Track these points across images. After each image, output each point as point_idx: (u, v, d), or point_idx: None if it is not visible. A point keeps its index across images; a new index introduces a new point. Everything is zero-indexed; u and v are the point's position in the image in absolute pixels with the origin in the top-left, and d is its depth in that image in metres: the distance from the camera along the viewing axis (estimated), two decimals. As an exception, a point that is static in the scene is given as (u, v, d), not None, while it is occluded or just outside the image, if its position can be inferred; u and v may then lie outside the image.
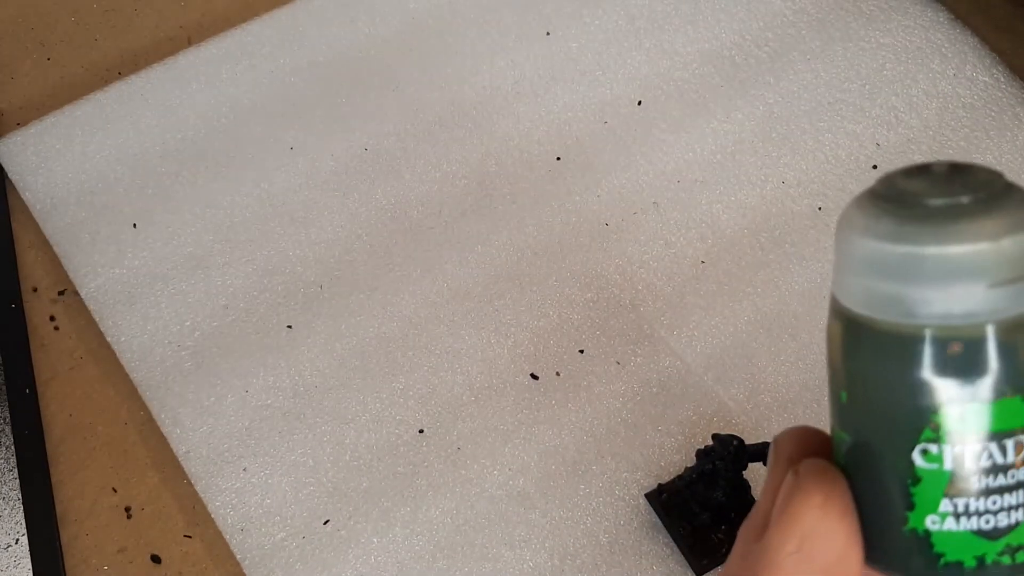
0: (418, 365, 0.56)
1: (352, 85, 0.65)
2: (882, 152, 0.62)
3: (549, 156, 0.63)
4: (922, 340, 0.23)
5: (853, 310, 0.24)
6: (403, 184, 0.62)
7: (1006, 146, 0.63)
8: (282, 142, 0.63)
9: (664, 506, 0.51)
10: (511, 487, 0.53)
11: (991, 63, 0.65)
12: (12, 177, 0.62)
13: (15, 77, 0.67)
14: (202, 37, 0.67)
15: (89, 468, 0.55)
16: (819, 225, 0.60)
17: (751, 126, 0.63)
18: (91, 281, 0.59)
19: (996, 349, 0.22)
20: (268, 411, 0.55)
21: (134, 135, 0.63)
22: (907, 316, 0.23)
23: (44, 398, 0.56)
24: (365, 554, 0.52)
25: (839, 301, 0.25)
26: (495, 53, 0.66)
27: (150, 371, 0.56)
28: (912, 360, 0.23)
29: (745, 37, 0.66)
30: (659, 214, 0.61)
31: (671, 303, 0.58)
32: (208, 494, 0.53)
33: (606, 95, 0.65)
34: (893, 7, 0.67)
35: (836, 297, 0.25)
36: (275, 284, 0.59)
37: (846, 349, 0.24)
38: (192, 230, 0.60)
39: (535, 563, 0.51)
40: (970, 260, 0.22)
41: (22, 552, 0.52)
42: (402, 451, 0.54)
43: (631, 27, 0.67)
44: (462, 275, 0.59)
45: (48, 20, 0.69)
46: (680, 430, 0.54)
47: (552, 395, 0.55)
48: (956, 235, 0.22)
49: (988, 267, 0.22)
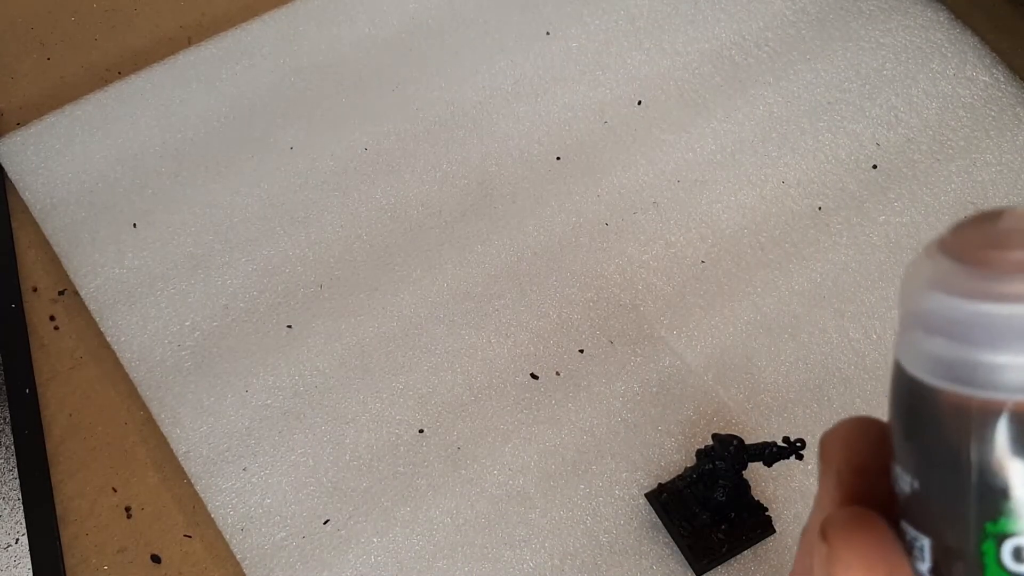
0: (418, 365, 0.56)
1: (352, 85, 0.65)
2: (882, 152, 0.62)
3: (549, 156, 0.63)
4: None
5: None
6: (403, 184, 0.62)
7: (1006, 146, 0.62)
8: (282, 142, 0.63)
9: (664, 506, 0.51)
10: (511, 487, 0.53)
11: (991, 63, 0.65)
12: (12, 177, 0.62)
13: (15, 77, 0.67)
14: (202, 37, 0.67)
15: (89, 468, 0.55)
16: (819, 225, 0.60)
17: (751, 126, 0.63)
18: (91, 281, 0.58)
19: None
20: (268, 411, 0.55)
21: (134, 135, 0.63)
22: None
23: (44, 398, 0.56)
24: (365, 554, 0.52)
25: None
26: (495, 53, 0.66)
27: (150, 371, 0.56)
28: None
29: (745, 37, 0.66)
30: (659, 214, 0.61)
31: (671, 303, 0.58)
32: (208, 494, 0.53)
33: (606, 95, 0.65)
34: (893, 7, 0.67)
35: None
36: (275, 284, 0.59)
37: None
38: (192, 230, 0.60)
39: (535, 563, 0.51)
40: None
41: (22, 552, 0.52)
42: (402, 451, 0.54)
43: (631, 27, 0.67)
44: (462, 275, 0.59)
45: (48, 20, 0.69)
46: (680, 430, 0.54)
47: (552, 395, 0.55)
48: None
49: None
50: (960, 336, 0.20)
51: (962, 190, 0.61)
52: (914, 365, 0.21)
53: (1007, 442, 0.19)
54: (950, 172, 0.62)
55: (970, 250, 0.20)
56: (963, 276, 0.20)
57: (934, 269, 0.20)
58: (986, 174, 0.62)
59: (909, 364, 0.21)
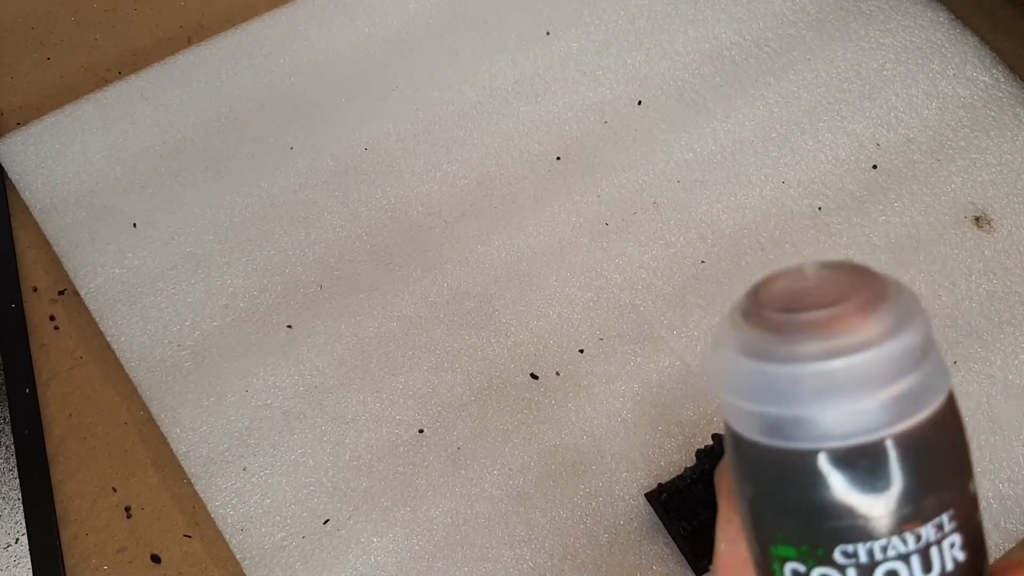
0: (418, 365, 0.56)
1: (352, 85, 0.65)
2: (882, 152, 0.62)
3: (549, 156, 0.63)
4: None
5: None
6: (403, 184, 0.62)
7: (1006, 146, 0.63)
8: (282, 142, 0.63)
9: (664, 506, 0.51)
10: (511, 487, 0.53)
11: (991, 63, 0.65)
12: (12, 177, 0.62)
13: (15, 77, 0.67)
14: (202, 37, 0.67)
15: (89, 468, 0.55)
16: (819, 225, 0.60)
17: (751, 126, 0.63)
18: (91, 281, 0.59)
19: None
20: (268, 411, 0.55)
21: (134, 135, 0.63)
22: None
23: (44, 398, 0.56)
24: (365, 554, 0.52)
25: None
26: (495, 53, 0.66)
27: (150, 371, 0.56)
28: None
29: (745, 37, 0.66)
30: (659, 214, 0.61)
31: (671, 303, 0.58)
32: (208, 494, 0.53)
33: (606, 95, 0.65)
34: (893, 7, 0.67)
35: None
36: (275, 284, 0.59)
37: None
38: (192, 230, 0.60)
39: (535, 563, 0.51)
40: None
41: (22, 552, 0.52)
42: (402, 451, 0.54)
43: (631, 27, 0.67)
44: (462, 275, 0.59)
45: (48, 20, 0.69)
46: (680, 430, 0.54)
47: (552, 395, 0.55)
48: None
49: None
50: (766, 397, 0.21)
51: (962, 190, 0.61)
52: (733, 421, 0.23)
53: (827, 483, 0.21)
54: (950, 172, 0.62)
55: (765, 314, 0.22)
56: (762, 342, 0.21)
57: (736, 337, 0.22)
58: (986, 174, 0.62)
59: (730, 420, 0.23)
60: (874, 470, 0.21)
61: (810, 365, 0.21)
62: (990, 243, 0.60)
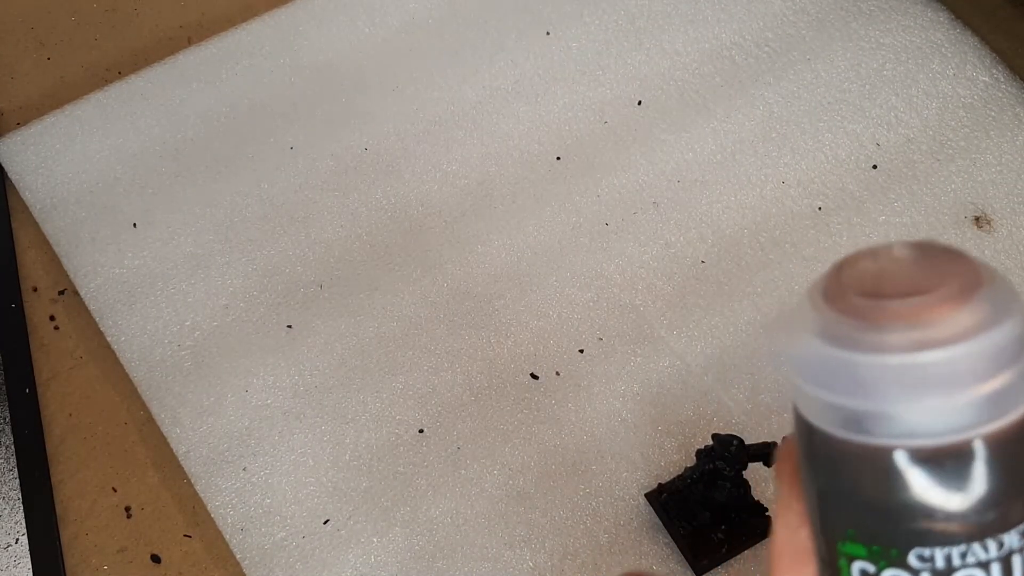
0: (418, 365, 0.56)
1: (352, 85, 0.65)
2: (882, 152, 0.62)
3: (549, 156, 0.63)
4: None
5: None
6: (403, 184, 0.62)
7: (1006, 146, 0.62)
8: (282, 142, 0.63)
9: (664, 506, 0.51)
10: (511, 487, 0.53)
11: (991, 63, 0.65)
12: (12, 177, 0.62)
13: (15, 77, 0.67)
14: (202, 37, 0.67)
15: (89, 468, 0.55)
16: (819, 225, 0.60)
17: (751, 126, 0.63)
18: (91, 281, 0.58)
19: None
20: (268, 411, 0.55)
21: (134, 135, 0.63)
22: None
23: (44, 398, 0.56)
24: (365, 554, 0.52)
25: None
26: (495, 53, 0.66)
27: (150, 371, 0.56)
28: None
29: (745, 37, 0.66)
30: (659, 214, 0.61)
31: (671, 303, 0.58)
32: (208, 494, 0.53)
33: (606, 95, 0.65)
34: (893, 7, 0.67)
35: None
36: (275, 284, 0.59)
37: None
38: (192, 230, 0.60)
39: (535, 563, 0.51)
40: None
41: (22, 552, 0.52)
42: (402, 451, 0.54)
43: (631, 27, 0.67)
44: (462, 275, 0.59)
45: (48, 20, 0.69)
46: (680, 430, 0.54)
47: (552, 395, 0.55)
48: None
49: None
50: (846, 388, 0.20)
51: (962, 190, 0.61)
52: (807, 411, 0.21)
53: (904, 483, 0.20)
54: (950, 172, 0.62)
55: (850, 298, 0.20)
56: (845, 328, 0.20)
57: (817, 320, 0.20)
58: (986, 174, 0.62)
59: (803, 409, 0.21)
60: (959, 472, 0.19)
61: (898, 357, 0.19)
62: (990, 243, 0.60)
